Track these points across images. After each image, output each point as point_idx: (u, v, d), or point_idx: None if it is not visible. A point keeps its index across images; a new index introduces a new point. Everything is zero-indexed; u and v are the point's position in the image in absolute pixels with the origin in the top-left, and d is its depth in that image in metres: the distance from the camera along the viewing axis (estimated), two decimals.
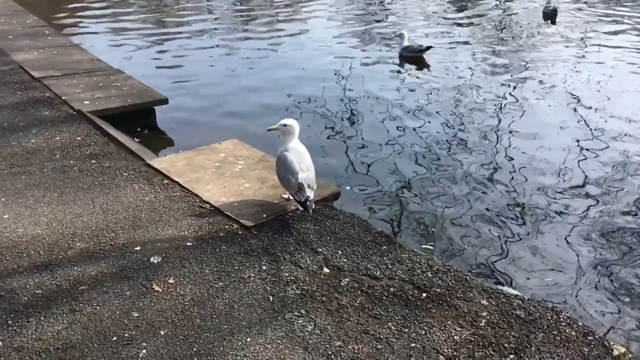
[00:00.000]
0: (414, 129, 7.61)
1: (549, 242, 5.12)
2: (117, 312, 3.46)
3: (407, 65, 10.69)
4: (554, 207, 5.68)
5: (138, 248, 4.09)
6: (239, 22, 14.24)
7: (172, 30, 13.43)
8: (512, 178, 6.26)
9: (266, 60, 10.91)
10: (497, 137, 7.41)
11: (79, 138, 6.07)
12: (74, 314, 3.45)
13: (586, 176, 6.31)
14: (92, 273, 3.82)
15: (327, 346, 3.23)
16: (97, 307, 3.50)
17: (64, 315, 3.44)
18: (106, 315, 3.44)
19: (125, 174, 5.26)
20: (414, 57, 10.92)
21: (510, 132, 7.55)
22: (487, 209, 5.62)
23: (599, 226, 5.35)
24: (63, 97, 7.25)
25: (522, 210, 5.62)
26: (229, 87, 9.32)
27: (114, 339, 3.26)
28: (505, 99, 8.84)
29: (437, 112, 8.23)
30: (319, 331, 3.34)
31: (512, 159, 6.74)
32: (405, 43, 11.01)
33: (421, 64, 10.75)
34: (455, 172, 6.39)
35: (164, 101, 7.49)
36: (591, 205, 5.71)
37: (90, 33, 12.96)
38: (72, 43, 10.62)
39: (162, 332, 3.30)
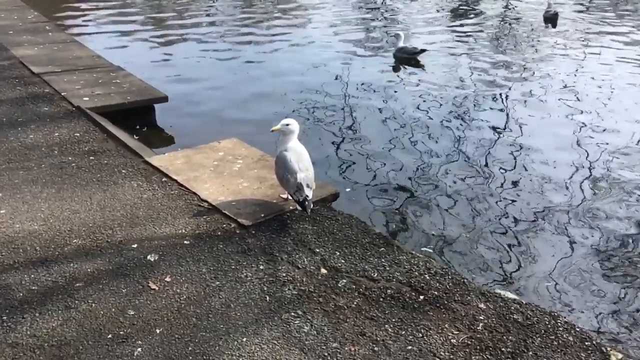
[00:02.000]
0: (414, 132, 7.61)
1: (548, 247, 5.11)
2: (113, 309, 3.44)
3: (406, 68, 10.69)
4: (554, 212, 5.67)
5: (135, 245, 4.07)
6: (240, 24, 14.23)
7: (174, 29, 13.43)
8: (512, 183, 6.25)
9: (266, 61, 10.90)
10: (497, 141, 7.40)
11: (78, 134, 6.05)
12: (69, 311, 3.42)
13: (587, 183, 6.29)
14: (88, 270, 3.80)
15: (324, 347, 3.21)
16: (93, 305, 3.48)
17: (59, 311, 3.42)
18: (102, 312, 3.42)
19: (123, 171, 5.24)
20: (408, 58, 10.94)
21: (509, 136, 7.54)
22: (486, 213, 5.61)
23: (598, 232, 5.34)
24: (62, 93, 7.24)
25: (521, 215, 5.60)
26: (229, 86, 9.31)
27: (109, 336, 3.24)
28: (505, 103, 8.85)
29: (437, 116, 8.22)
30: (315, 332, 3.32)
31: (511, 164, 6.72)
32: (401, 44, 11.03)
33: (416, 66, 10.77)
34: (454, 176, 6.38)
35: (164, 99, 7.48)
36: (591, 211, 5.70)
37: (91, 30, 12.96)
38: (73, 39, 10.61)
39: (157, 331, 3.28)
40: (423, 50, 10.93)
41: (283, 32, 13.28)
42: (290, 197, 4.46)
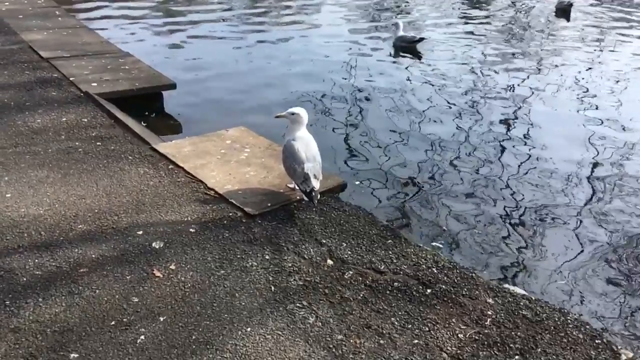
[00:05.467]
0: (421, 124, 7.51)
1: (558, 242, 5.01)
2: (117, 296, 3.41)
3: (408, 58, 10.60)
4: (564, 208, 5.56)
5: (140, 232, 4.04)
6: (249, 12, 14.12)
7: (183, 17, 13.32)
8: (521, 178, 6.13)
9: (275, 50, 10.80)
10: (505, 135, 7.29)
11: (85, 120, 6.02)
12: (73, 297, 3.39)
13: (598, 178, 6.18)
14: (93, 256, 3.77)
15: (329, 339, 3.16)
16: (97, 291, 3.45)
17: (63, 297, 3.39)
18: (105, 299, 3.39)
19: (130, 157, 5.20)
20: (406, 47, 10.86)
21: (518, 130, 7.42)
22: (494, 208, 5.52)
23: (609, 229, 5.24)
24: (71, 78, 7.20)
25: (530, 210, 5.50)
26: (238, 75, 9.23)
27: (112, 323, 3.21)
28: (513, 96, 8.71)
29: (444, 107, 8.11)
30: (320, 323, 3.28)
31: (520, 158, 6.60)
32: (400, 33, 10.93)
33: (416, 55, 10.69)
34: (463, 170, 6.28)
35: (172, 86, 7.42)
36: (603, 208, 5.59)
37: (101, 16, 12.87)
38: (82, 25, 10.56)
39: (161, 319, 3.25)
40: (422, 39, 10.86)
41: (292, 22, 13.16)
42: (297, 187, 4.41)
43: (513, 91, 8.89)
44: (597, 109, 8.22)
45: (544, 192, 5.84)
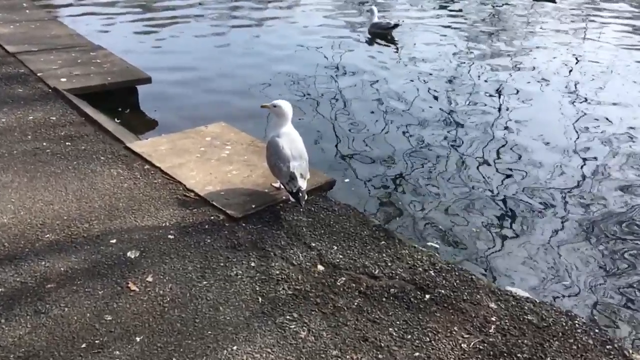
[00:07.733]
0: (409, 116, 7.26)
1: (561, 241, 4.76)
2: (88, 314, 3.10)
3: (389, 46, 10.38)
4: (567, 205, 5.31)
5: (114, 241, 3.73)
6: (226, 6, 13.68)
7: (159, 9, 12.86)
8: (516, 173, 5.87)
9: (255, 44, 10.42)
10: (496, 125, 7.09)
11: (54, 118, 5.65)
12: (39, 317, 3.08)
13: (599, 174, 5.92)
14: (62, 269, 3.45)
15: (323, 356, 2.91)
16: (66, 309, 3.14)
17: (28, 317, 3.08)
18: (75, 318, 3.08)
19: (102, 157, 4.86)
20: (381, 33, 10.71)
21: (514, 122, 7.19)
22: (491, 204, 5.28)
23: (615, 228, 4.99)
24: (38, 74, 6.82)
25: (529, 207, 5.26)
26: (216, 69, 8.86)
27: (83, 346, 2.90)
28: (499, 83, 8.55)
29: (430, 97, 7.94)
30: (313, 338, 3.02)
31: (520, 151, 6.35)
32: (375, 19, 10.78)
33: (392, 42, 10.52)
34: (457, 163, 6.03)
35: (147, 80, 7.07)
36: (608, 207, 5.33)
37: (72, 9, 12.36)
38: (51, 17, 10.14)
39: (137, 339, 2.95)
40: (396, 25, 10.71)
41: (271, 16, 12.75)
42: (282, 187, 4.13)
43: (499, 81, 8.70)
44: (583, 98, 8.05)
45: (542, 189, 5.58)
